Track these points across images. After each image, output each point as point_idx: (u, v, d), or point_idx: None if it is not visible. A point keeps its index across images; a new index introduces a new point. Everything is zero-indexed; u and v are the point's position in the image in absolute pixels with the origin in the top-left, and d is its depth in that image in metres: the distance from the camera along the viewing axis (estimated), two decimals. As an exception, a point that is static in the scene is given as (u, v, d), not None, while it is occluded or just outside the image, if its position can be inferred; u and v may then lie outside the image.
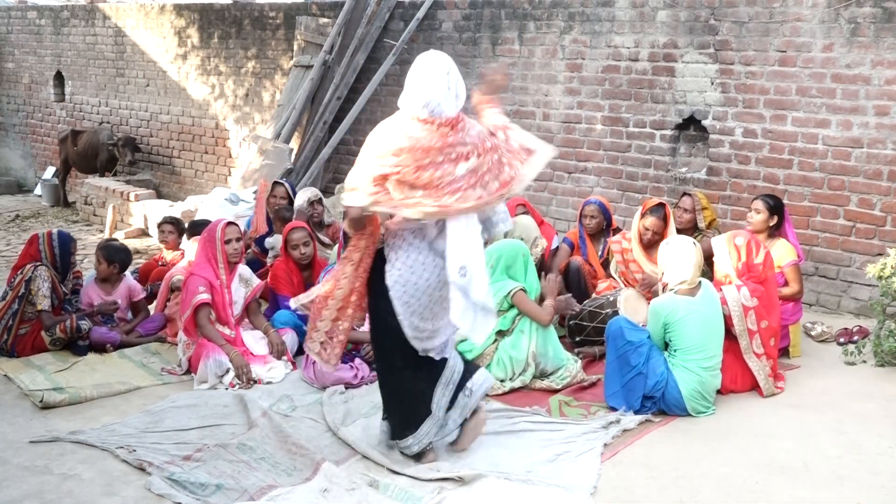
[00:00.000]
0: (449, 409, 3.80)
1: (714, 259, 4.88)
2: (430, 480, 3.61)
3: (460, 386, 3.80)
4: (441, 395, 3.77)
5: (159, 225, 6.63)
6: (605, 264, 5.84)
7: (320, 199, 6.52)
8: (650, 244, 5.47)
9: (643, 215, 5.51)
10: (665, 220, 5.48)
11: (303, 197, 6.41)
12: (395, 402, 3.83)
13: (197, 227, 5.94)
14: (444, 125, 3.36)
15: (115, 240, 7.04)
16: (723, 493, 3.60)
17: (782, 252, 5.36)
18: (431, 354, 3.72)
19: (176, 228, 6.52)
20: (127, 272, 5.79)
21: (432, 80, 3.39)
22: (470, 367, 3.91)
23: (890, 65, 5.84)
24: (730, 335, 4.61)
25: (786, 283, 5.31)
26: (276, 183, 6.82)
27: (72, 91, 12.74)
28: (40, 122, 13.36)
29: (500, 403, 4.50)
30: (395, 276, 3.56)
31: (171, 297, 5.71)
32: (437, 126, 3.35)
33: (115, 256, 5.61)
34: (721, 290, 4.65)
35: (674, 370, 4.33)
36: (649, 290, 5.18)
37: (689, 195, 5.93)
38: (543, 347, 4.77)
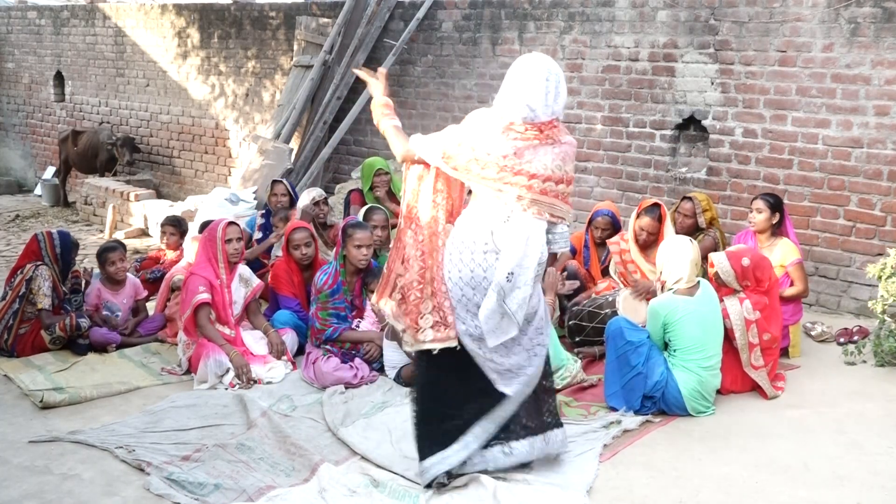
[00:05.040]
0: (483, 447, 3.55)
1: (713, 271, 4.84)
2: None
3: (504, 433, 3.56)
4: (482, 430, 3.52)
5: (161, 226, 6.63)
6: (606, 272, 5.83)
7: (325, 199, 6.52)
8: (646, 245, 5.47)
9: (638, 216, 5.50)
10: (660, 220, 5.47)
11: (307, 197, 6.41)
12: (424, 411, 3.55)
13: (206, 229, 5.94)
14: (533, 129, 3.34)
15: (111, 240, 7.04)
16: (723, 493, 3.60)
17: (786, 251, 5.36)
18: (495, 379, 3.46)
19: (178, 230, 6.52)
20: (129, 274, 5.81)
21: (531, 83, 3.34)
22: (531, 423, 3.63)
23: (890, 65, 5.83)
24: (730, 340, 4.62)
25: (791, 283, 5.32)
26: (275, 181, 6.82)
27: (72, 91, 12.74)
28: (40, 122, 13.36)
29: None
30: (446, 274, 3.43)
31: (171, 297, 5.72)
32: (525, 130, 3.34)
33: (105, 255, 5.61)
34: (723, 301, 4.63)
35: (673, 370, 4.33)
36: (643, 295, 5.15)
37: (690, 199, 5.88)
38: (543, 347, 4.77)
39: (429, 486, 3.52)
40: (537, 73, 3.35)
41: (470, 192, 3.55)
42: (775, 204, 5.42)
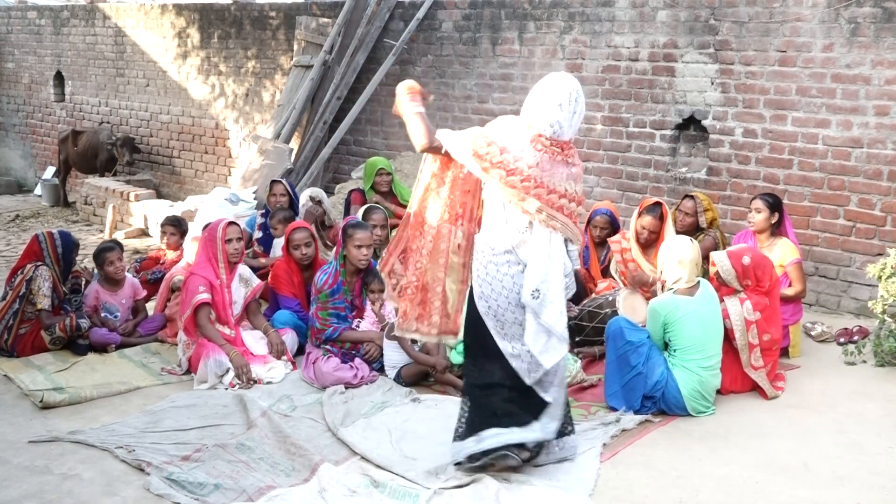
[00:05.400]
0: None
1: (714, 270, 4.85)
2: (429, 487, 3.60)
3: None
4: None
5: (161, 226, 6.61)
6: (606, 271, 5.83)
7: (320, 201, 6.51)
8: (647, 244, 5.47)
9: (640, 214, 5.50)
10: (661, 218, 5.47)
11: (305, 196, 6.41)
12: (476, 390, 3.60)
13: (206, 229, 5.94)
14: (556, 146, 3.46)
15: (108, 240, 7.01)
16: (723, 493, 3.60)
17: (785, 251, 5.36)
18: (537, 389, 3.55)
19: (178, 230, 6.51)
20: (128, 274, 5.81)
21: (562, 102, 3.45)
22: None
23: (890, 65, 5.83)
24: (730, 340, 4.61)
25: (789, 283, 5.32)
26: (274, 181, 6.82)
27: (72, 91, 12.74)
28: (40, 122, 13.36)
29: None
30: (478, 290, 3.52)
31: (171, 298, 5.71)
32: (551, 145, 3.45)
33: (102, 255, 5.58)
34: (724, 301, 4.63)
35: (673, 370, 4.33)
36: (643, 287, 5.16)
37: (692, 197, 5.89)
38: (543, 347, 4.76)
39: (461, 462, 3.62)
40: (570, 93, 3.46)
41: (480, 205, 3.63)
42: (774, 204, 5.42)
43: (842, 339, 5.53)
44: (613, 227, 5.88)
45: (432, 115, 8.49)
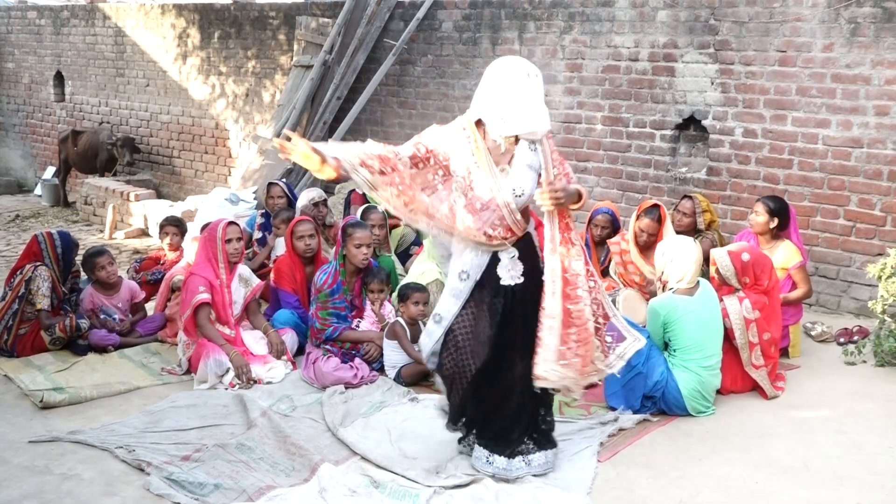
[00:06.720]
0: None
1: (714, 268, 4.85)
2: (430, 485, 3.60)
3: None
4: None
5: (161, 226, 6.59)
6: (606, 271, 5.83)
7: (325, 200, 6.50)
8: (646, 246, 5.47)
9: (638, 217, 5.50)
10: (660, 221, 5.47)
11: (306, 198, 6.41)
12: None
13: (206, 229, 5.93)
14: None
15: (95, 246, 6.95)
16: (723, 493, 3.60)
17: (787, 254, 5.35)
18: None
19: (179, 230, 6.50)
20: (124, 274, 5.79)
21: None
22: None
23: (890, 65, 5.83)
24: (730, 340, 4.61)
25: (794, 286, 5.31)
26: (271, 184, 6.81)
27: (72, 91, 12.74)
28: (40, 122, 13.36)
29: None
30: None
31: (171, 297, 5.71)
32: None
33: (92, 261, 5.51)
34: (723, 300, 4.62)
35: (673, 370, 4.33)
36: (644, 291, 5.17)
37: (690, 197, 5.89)
38: (543, 347, 4.76)
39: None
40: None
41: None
42: (776, 210, 5.37)
43: (842, 339, 5.53)
44: (614, 226, 5.88)
45: (432, 115, 8.52)
